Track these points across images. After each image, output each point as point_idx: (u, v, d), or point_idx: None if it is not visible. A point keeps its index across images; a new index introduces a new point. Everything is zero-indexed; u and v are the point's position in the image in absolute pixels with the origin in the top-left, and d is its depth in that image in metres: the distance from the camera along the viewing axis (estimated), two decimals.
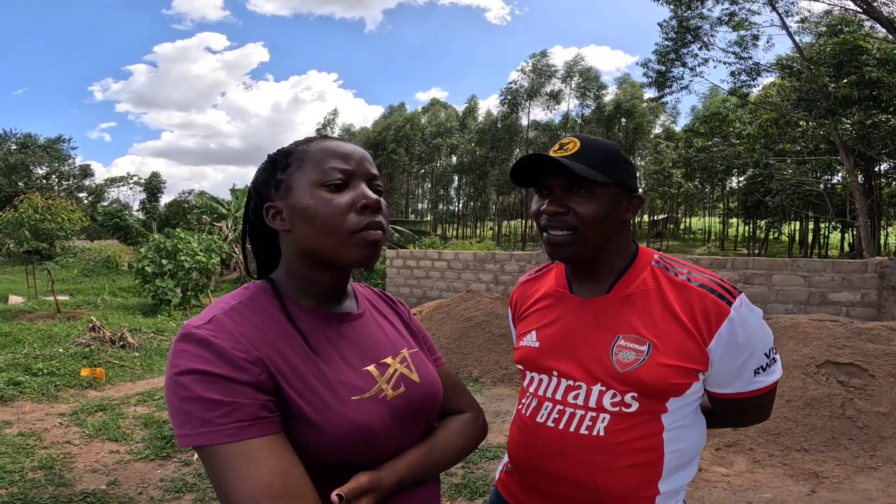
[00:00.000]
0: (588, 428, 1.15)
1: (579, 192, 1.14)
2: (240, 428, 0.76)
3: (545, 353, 1.24)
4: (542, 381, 1.24)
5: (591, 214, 1.14)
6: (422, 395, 0.99)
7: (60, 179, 50.59)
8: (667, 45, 21.07)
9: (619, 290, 1.20)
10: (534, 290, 1.37)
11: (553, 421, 1.19)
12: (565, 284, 1.29)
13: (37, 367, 6.19)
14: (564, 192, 1.15)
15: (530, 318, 1.32)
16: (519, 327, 1.37)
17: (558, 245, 1.16)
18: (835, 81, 17.26)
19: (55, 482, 3.61)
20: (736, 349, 1.12)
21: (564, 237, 1.15)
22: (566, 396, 1.19)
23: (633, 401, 1.13)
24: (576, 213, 1.14)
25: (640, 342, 1.13)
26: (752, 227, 38.83)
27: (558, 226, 1.15)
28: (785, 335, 5.12)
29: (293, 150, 0.95)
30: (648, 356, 1.12)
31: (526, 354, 1.28)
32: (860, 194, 18.24)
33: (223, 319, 0.85)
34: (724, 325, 1.10)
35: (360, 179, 0.92)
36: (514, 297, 1.45)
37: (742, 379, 1.16)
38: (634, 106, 47.88)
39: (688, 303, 1.13)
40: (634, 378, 1.12)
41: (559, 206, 1.15)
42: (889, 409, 4.25)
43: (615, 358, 1.14)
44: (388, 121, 59.77)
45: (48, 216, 18.63)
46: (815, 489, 3.65)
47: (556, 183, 1.16)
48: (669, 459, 1.15)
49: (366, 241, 0.90)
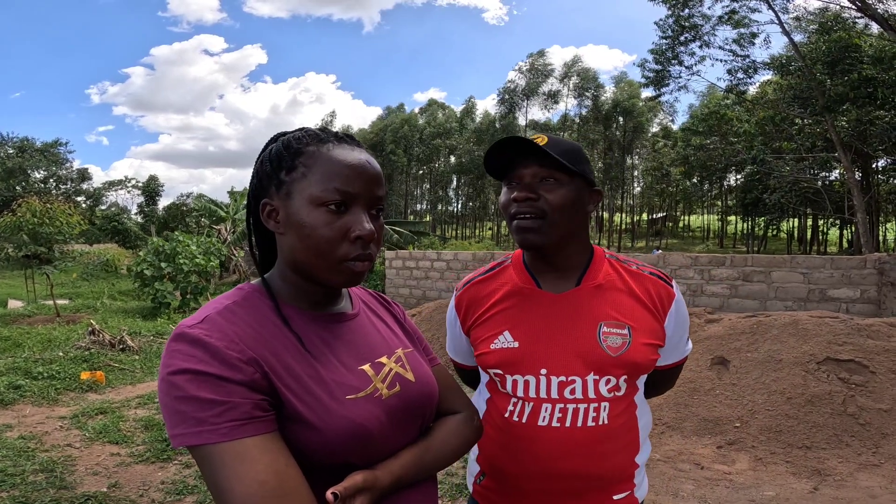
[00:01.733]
0: (594, 419, 1.19)
1: (548, 181, 1.20)
2: (234, 427, 0.75)
3: (530, 352, 1.22)
4: (528, 383, 1.21)
5: (560, 201, 1.19)
6: (417, 394, 0.98)
7: (58, 183, 50.51)
8: (663, 43, 21.12)
9: (588, 282, 1.26)
10: (490, 291, 1.32)
11: (558, 421, 1.18)
12: (531, 280, 1.29)
13: (37, 371, 6.17)
14: (534, 180, 1.20)
15: (495, 319, 1.28)
16: (478, 331, 1.30)
17: (528, 230, 1.20)
18: (830, 79, 17.30)
19: (56, 485, 3.60)
20: (680, 324, 1.29)
21: (534, 223, 1.19)
22: (562, 393, 1.19)
23: (623, 384, 1.21)
24: (546, 199, 1.19)
25: (620, 327, 1.21)
26: (751, 224, 38.86)
27: (529, 211, 1.19)
28: (785, 332, 5.11)
29: (303, 149, 0.90)
30: (632, 338, 1.20)
31: (505, 356, 1.23)
32: (858, 191, 18.27)
33: (217, 319, 0.84)
34: (673, 304, 1.27)
35: (362, 204, 0.90)
36: (463, 299, 1.36)
37: (679, 350, 1.33)
38: (632, 105, 47.92)
39: (645, 288, 1.26)
40: (628, 360, 1.19)
41: (530, 192, 1.19)
42: (891, 406, 4.25)
43: (605, 344, 1.19)
44: (386, 122, 59.81)
45: (47, 220, 18.62)
46: (818, 486, 3.64)
47: (526, 172, 1.20)
48: (641, 434, 1.26)
49: (352, 272, 0.89)
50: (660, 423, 4.56)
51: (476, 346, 1.31)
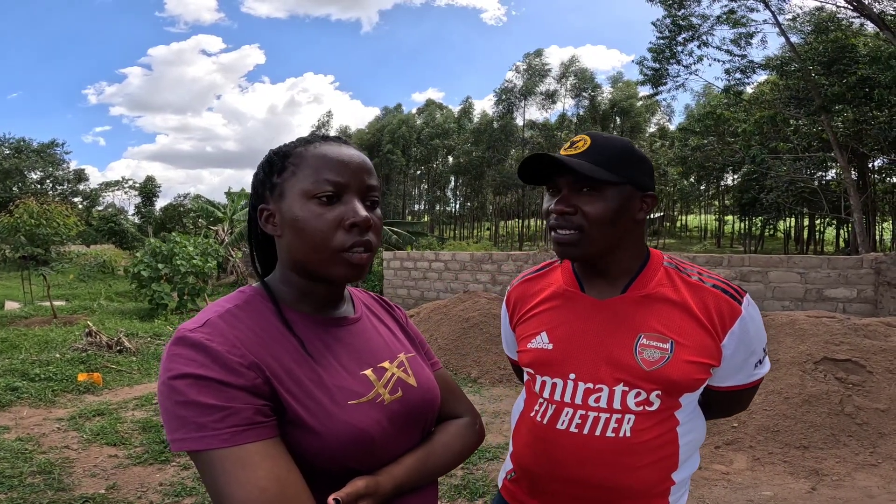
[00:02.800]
0: (614, 430, 1.15)
1: (587, 192, 1.14)
2: (235, 433, 0.75)
3: (562, 356, 1.20)
4: (556, 386, 1.20)
5: (598, 214, 1.13)
6: (419, 399, 0.98)
7: (55, 184, 50.36)
8: (661, 43, 21.15)
9: (635, 291, 1.20)
10: (538, 290, 1.32)
11: (576, 427, 1.17)
12: (575, 284, 1.26)
13: (34, 373, 6.15)
14: (572, 191, 1.15)
15: (537, 319, 1.27)
16: (522, 328, 1.31)
17: (564, 244, 1.16)
18: (826, 79, 17.34)
19: (54, 487, 3.59)
20: (745, 345, 1.17)
21: (570, 237, 1.15)
22: (586, 400, 1.17)
23: (656, 399, 1.14)
24: (583, 212, 1.13)
25: (662, 340, 1.14)
26: (748, 224, 38.93)
27: (565, 225, 1.15)
28: (782, 332, 5.12)
29: (291, 151, 0.92)
30: (673, 353, 1.13)
31: (538, 357, 1.23)
32: (854, 190, 18.31)
33: (218, 323, 0.83)
34: (738, 323, 1.15)
35: (354, 193, 0.90)
36: (512, 295, 1.38)
37: (744, 372, 1.21)
38: (630, 105, 47.98)
39: (703, 302, 1.16)
40: (662, 376, 1.13)
41: (566, 205, 1.14)
42: (888, 406, 4.26)
43: (640, 357, 1.14)
44: (384, 122, 59.77)
45: (44, 221, 18.60)
46: (815, 486, 3.65)
47: (563, 182, 1.15)
48: (683, 452, 1.19)
49: (350, 262, 0.88)
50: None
51: (518, 342, 1.31)
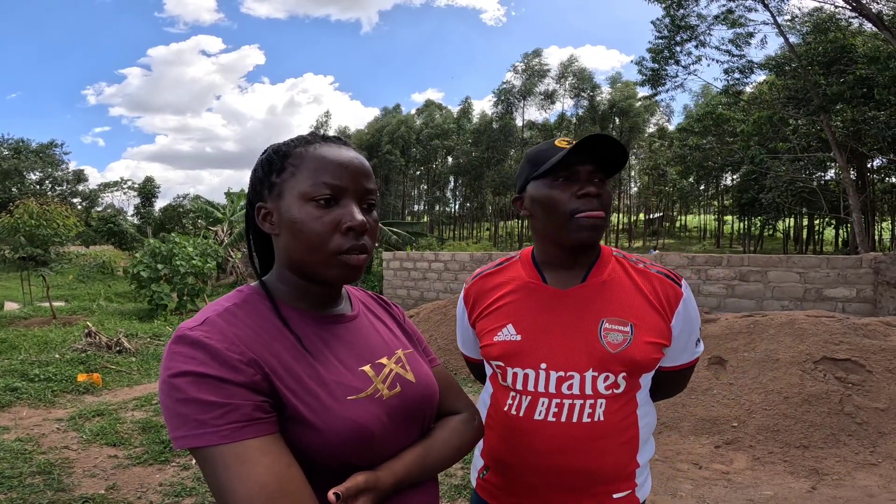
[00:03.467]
0: (589, 416, 1.19)
1: (598, 182, 1.21)
2: (235, 429, 0.76)
3: (531, 346, 1.23)
4: (528, 376, 1.23)
5: (610, 200, 1.23)
6: (418, 394, 0.98)
7: (54, 185, 50.38)
8: (660, 43, 21.17)
9: (593, 279, 1.26)
10: (497, 284, 1.35)
11: (553, 415, 1.20)
12: (538, 276, 1.30)
13: (33, 373, 6.15)
14: (590, 178, 1.21)
15: (501, 312, 1.30)
16: (483, 323, 1.33)
17: (595, 228, 1.20)
18: (825, 79, 17.36)
19: (54, 487, 3.59)
20: (689, 325, 1.27)
21: (600, 221, 1.20)
22: (560, 388, 1.20)
23: (622, 381, 1.20)
24: (604, 197, 1.21)
25: (623, 324, 1.21)
26: (747, 223, 38.96)
27: (598, 207, 1.19)
28: (781, 332, 5.13)
29: (291, 151, 0.92)
30: (633, 336, 1.20)
31: (508, 349, 1.25)
32: (853, 190, 18.32)
33: (217, 321, 0.84)
34: (681, 304, 1.25)
35: (351, 196, 0.91)
36: (471, 292, 1.39)
37: (688, 351, 1.31)
38: (629, 105, 48.02)
39: (651, 286, 1.26)
40: (627, 357, 1.19)
41: (599, 188, 1.20)
42: (888, 405, 4.26)
43: (605, 341, 1.19)
44: (383, 122, 59.80)
45: (43, 222, 18.59)
46: (815, 486, 3.65)
47: (584, 170, 1.20)
48: (643, 434, 1.26)
49: (347, 265, 0.89)
50: (657, 423, 4.57)
51: (481, 337, 1.33)
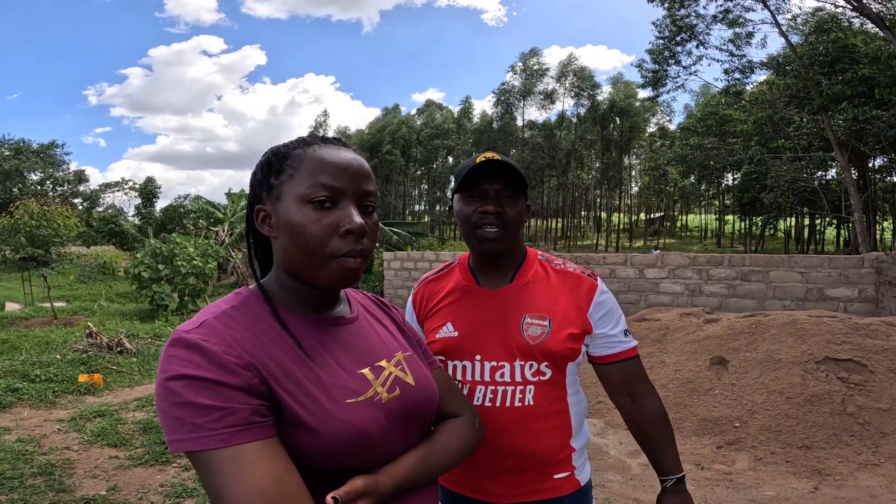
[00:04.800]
0: (520, 400, 1.36)
1: (509, 197, 1.37)
2: (232, 433, 0.75)
3: (466, 341, 1.39)
4: (465, 368, 1.39)
5: (516, 215, 1.38)
6: (417, 397, 0.98)
7: (55, 185, 50.43)
8: (660, 43, 21.16)
9: (519, 280, 1.44)
10: (439, 288, 1.52)
11: (490, 401, 1.36)
12: (472, 279, 1.48)
13: (34, 374, 6.15)
14: (498, 196, 1.36)
15: (442, 312, 1.47)
16: (428, 322, 1.49)
17: (493, 240, 1.36)
18: (827, 78, 17.33)
19: (55, 488, 3.59)
20: (607, 313, 1.42)
21: (497, 233, 1.36)
22: (493, 376, 1.37)
23: (546, 369, 1.37)
24: (507, 212, 1.36)
25: (542, 318, 1.38)
26: (749, 223, 38.92)
27: (495, 223, 1.36)
28: (783, 332, 5.11)
29: (290, 153, 0.91)
30: (551, 329, 1.37)
31: (447, 344, 1.41)
32: (855, 190, 18.30)
33: (214, 324, 0.83)
34: (596, 294, 1.42)
35: (350, 199, 0.90)
36: (417, 295, 1.57)
37: (616, 339, 1.43)
38: (629, 105, 47.96)
39: (569, 283, 1.43)
40: (545, 348, 1.35)
41: (498, 206, 1.36)
42: (890, 406, 4.25)
43: (526, 333, 1.36)
44: (384, 123, 59.81)
45: (44, 222, 18.62)
46: (818, 486, 3.64)
47: (491, 188, 1.36)
48: (574, 419, 1.41)
49: (344, 268, 0.89)
50: None
51: (426, 335, 1.49)
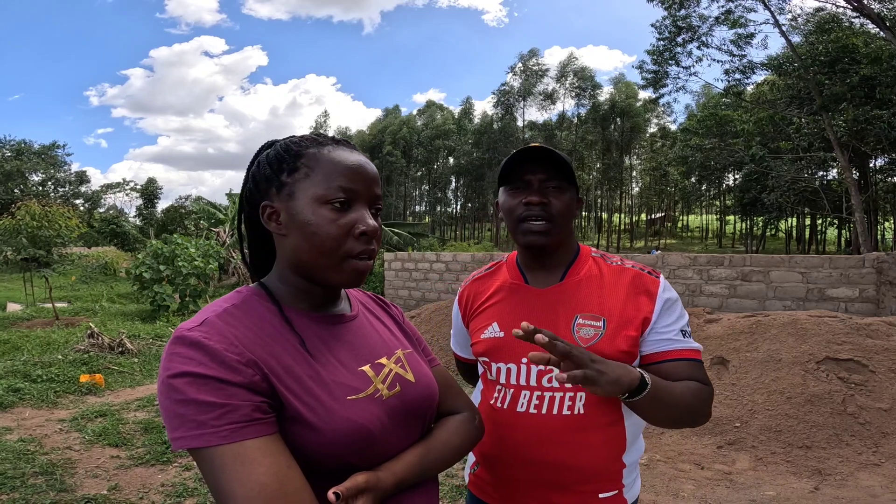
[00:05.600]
0: (569, 408, 1.23)
1: (554, 188, 1.27)
2: (234, 430, 0.75)
3: (513, 342, 1.27)
4: (511, 371, 1.29)
5: (564, 207, 1.28)
6: (418, 394, 0.98)
7: (56, 186, 50.51)
8: (660, 44, 21.17)
9: (570, 278, 1.33)
10: (487, 287, 1.43)
11: (535, 408, 1.25)
12: (520, 277, 1.38)
13: (36, 374, 6.16)
14: (542, 186, 1.28)
15: (488, 312, 1.38)
16: (475, 322, 1.41)
17: (538, 233, 1.27)
18: (828, 79, 17.33)
19: (56, 488, 3.60)
20: (668, 311, 1.28)
21: (543, 226, 1.27)
22: (540, 381, 1.25)
23: None
24: (553, 204, 1.27)
25: (595, 319, 1.26)
26: (749, 224, 38.90)
27: (540, 215, 1.27)
28: (784, 332, 5.12)
29: (303, 152, 0.92)
30: (605, 330, 1.25)
31: (492, 345, 1.32)
32: (856, 190, 18.29)
33: (216, 321, 0.84)
34: (659, 293, 1.28)
35: (364, 202, 0.92)
36: (464, 294, 1.49)
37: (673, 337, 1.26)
38: (630, 105, 47.95)
39: (627, 281, 1.30)
40: (598, 350, 1.20)
41: (543, 196, 1.27)
42: (890, 405, 4.25)
43: (577, 335, 1.25)
44: (385, 123, 59.83)
45: (45, 223, 18.62)
46: (818, 486, 3.64)
47: (535, 178, 1.27)
48: (630, 433, 1.27)
49: (356, 269, 0.91)
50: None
51: (471, 335, 1.41)
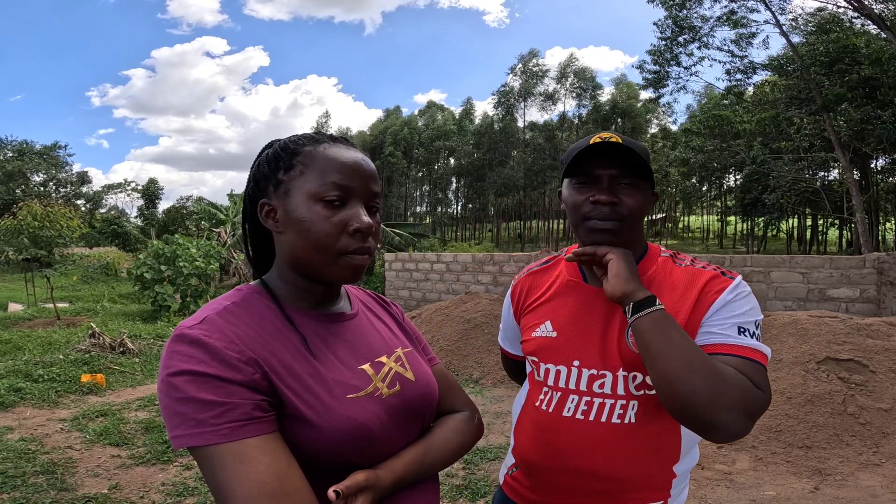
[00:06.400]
0: (619, 416, 1.15)
1: (626, 185, 1.16)
2: (234, 428, 0.75)
3: (565, 343, 1.21)
4: (560, 373, 1.21)
5: (636, 206, 1.17)
6: (417, 393, 0.98)
7: (58, 186, 50.58)
8: (661, 45, 21.17)
9: None
10: (542, 281, 1.34)
11: (582, 413, 1.17)
12: (579, 274, 1.28)
13: (37, 374, 6.16)
14: (612, 183, 1.16)
15: (542, 309, 1.29)
16: (526, 318, 1.32)
17: (605, 232, 1.16)
18: (828, 79, 17.33)
19: (57, 487, 3.60)
20: (726, 307, 1.12)
21: (612, 226, 1.16)
22: (591, 386, 1.17)
23: None
24: (625, 203, 1.16)
25: None
26: (750, 224, 38.85)
27: (609, 215, 1.16)
28: (784, 332, 5.12)
29: (299, 150, 0.92)
30: None
31: (543, 344, 1.24)
32: (857, 190, 18.27)
33: (216, 319, 0.84)
34: (724, 293, 1.13)
35: (359, 199, 0.92)
36: (517, 288, 1.39)
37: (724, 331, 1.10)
38: (631, 106, 47.94)
39: (694, 282, 1.17)
40: None
41: (612, 195, 1.15)
42: (891, 405, 4.25)
43: (631, 340, 1.14)
44: (385, 124, 59.86)
45: (47, 224, 18.65)
46: (818, 486, 3.64)
47: (605, 174, 1.16)
48: (685, 443, 1.18)
49: (352, 265, 0.90)
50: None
51: (522, 332, 1.33)
